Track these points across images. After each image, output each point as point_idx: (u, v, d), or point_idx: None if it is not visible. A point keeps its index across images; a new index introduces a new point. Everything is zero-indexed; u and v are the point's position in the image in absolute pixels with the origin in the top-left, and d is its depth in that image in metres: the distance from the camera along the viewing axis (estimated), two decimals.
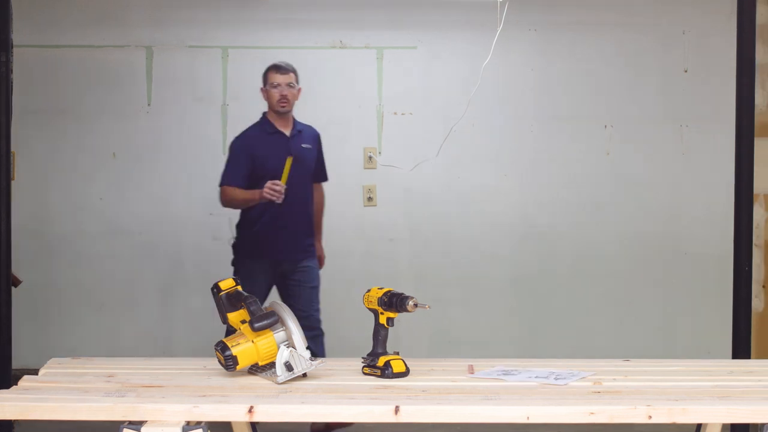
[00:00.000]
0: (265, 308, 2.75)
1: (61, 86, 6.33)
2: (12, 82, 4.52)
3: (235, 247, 5.09)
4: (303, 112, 6.48)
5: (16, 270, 4.80)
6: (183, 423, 2.31)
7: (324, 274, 6.26)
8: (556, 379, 2.69)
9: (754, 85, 4.51)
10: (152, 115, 6.33)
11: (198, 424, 2.33)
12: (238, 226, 5.08)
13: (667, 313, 6.35)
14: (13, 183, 4.68)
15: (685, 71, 6.33)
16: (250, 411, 2.36)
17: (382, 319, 2.85)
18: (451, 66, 6.33)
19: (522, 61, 6.34)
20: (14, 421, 4.06)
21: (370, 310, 2.88)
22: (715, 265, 6.06)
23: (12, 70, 4.50)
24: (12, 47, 4.51)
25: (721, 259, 5.61)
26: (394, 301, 2.81)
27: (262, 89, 5.08)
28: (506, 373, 2.79)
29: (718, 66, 6.10)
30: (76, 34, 6.29)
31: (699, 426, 2.88)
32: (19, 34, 4.74)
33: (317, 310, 5.09)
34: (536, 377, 2.71)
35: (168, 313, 6.36)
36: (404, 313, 2.85)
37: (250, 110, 6.34)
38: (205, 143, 6.34)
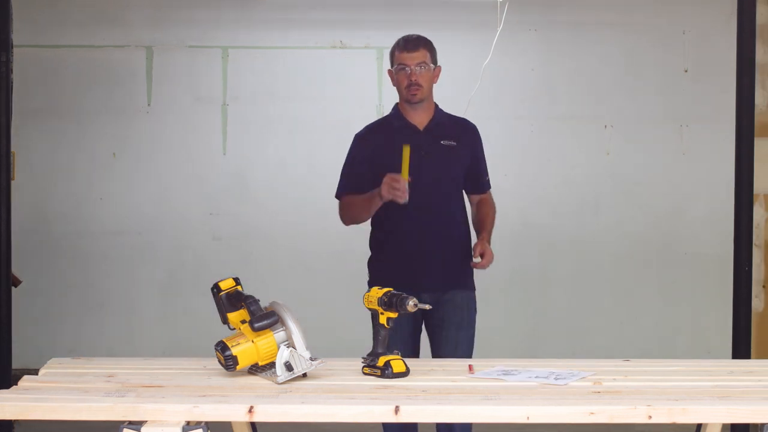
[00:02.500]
0: (265, 308, 2.75)
1: (61, 86, 6.33)
2: (12, 82, 4.52)
3: (369, 283, 3.93)
4: (303, 113, 6.50)
5: (16, 270, 4.80)
6: (183, 423, 2.31)
7: (324, 274, 6.27)
8: (556, 379, 2.69)
9: (754, 85, 4.51)
10: (152, 115, 6.33)
11: (198, 424, 2.33)
12: (370, 259, 4.00)
13: (667, 313, 6.34)
14: (13, 183, 4.68)
15: (685, 71, 6.33)
16: (250, 411, 2.36)
17: (382, 319, 2.85)
18: (451, 66, 6.31)
19: (522, 61, 6.34)
20: (14, 421, 4.06)
21: (370, 310, 2.88)
22: (715, 265, 6.06)
23: (12, 70, 4.50)
24: (12, 47, 4.52)
25: (721, 259, 5.62)
26: (394, 301, 2.80)
27: (389, 71, 3.93)
28: (506, 373, 2.79)
29: (718, 66, 6.10)
30: (76, 34, 6.29)
31: (699, 426, 2.88)
32: (19, 34, 4.74)
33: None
34: (536, 377, 2.71)
35: (168, 313, 6.35)
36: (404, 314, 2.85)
37: (250, 110, 6.37)
38: (205, 143, 6.34)
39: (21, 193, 6.04)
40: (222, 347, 2.71)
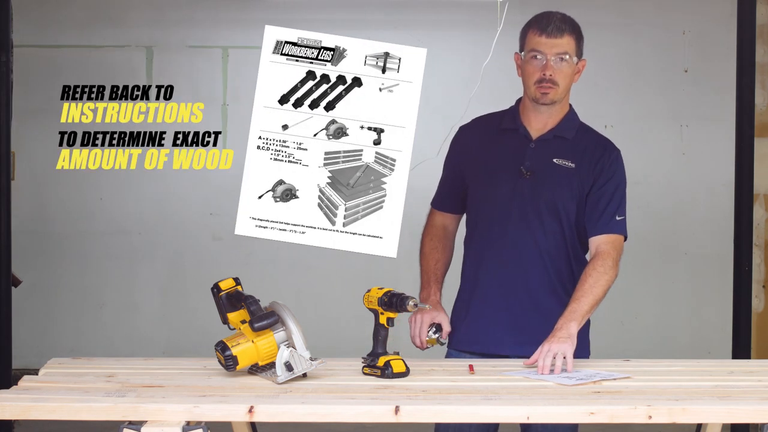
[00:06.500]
0: (265, 308, 2.75)
1: (61, 86, 6.32)
2: (12, 82, 4.52)
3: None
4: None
5: (16, 270, 4.80)
6: (183, 423, 2.31)
7: (324, 273, 6.27)
8: (591, 377, 2.71)
9: (754, 85, 4.52)
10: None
11: (198, 424, 2.33)
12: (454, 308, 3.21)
13: (667, 313, 6.34)
14: (13, 183, 4.68)
15: (685, 71, 6.33)
16: (250, 411, 2.36)
17: (382, 319, 2.85)
18: (451, 66, 6.33)
19: None
20: (14, 421, 4.06)
21: (370, 310, 2.88)
22: (715, 265, 6.06)
23: (12, 70, 4.51)
24: (12, 47, 4.52)
25: (721, 259, 5.61)
26: (394, 301, 2.80)
27: (516, 55, 3.14)
28: (568, 376, 2.76)
29: (718, 66, 6.10)
30: (76, 34, 6.29)
31: (699, 426, 2.88)
32: (19, 34, 4.74)
33: None
34: (578, 379, 2.71)
35: (168, 313, 6.35)
36: (404, 313, 2.85)
37: (250, 110, 6.36)
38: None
39: (21, 193, 6.04)
40: (222, 347, 2.71)
